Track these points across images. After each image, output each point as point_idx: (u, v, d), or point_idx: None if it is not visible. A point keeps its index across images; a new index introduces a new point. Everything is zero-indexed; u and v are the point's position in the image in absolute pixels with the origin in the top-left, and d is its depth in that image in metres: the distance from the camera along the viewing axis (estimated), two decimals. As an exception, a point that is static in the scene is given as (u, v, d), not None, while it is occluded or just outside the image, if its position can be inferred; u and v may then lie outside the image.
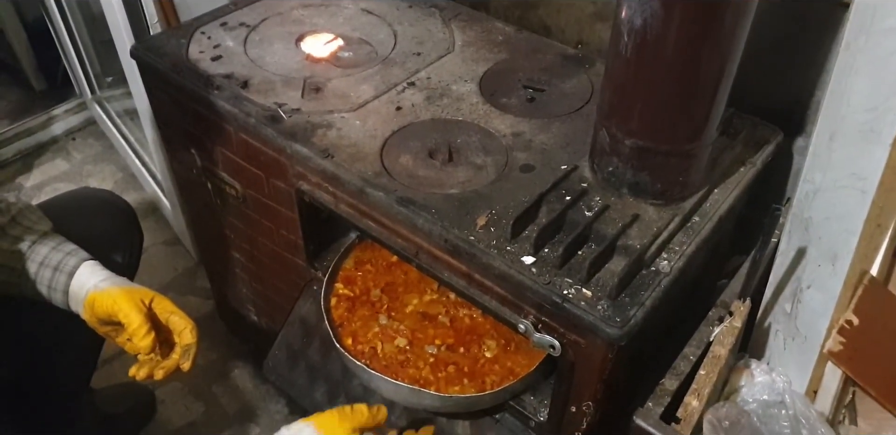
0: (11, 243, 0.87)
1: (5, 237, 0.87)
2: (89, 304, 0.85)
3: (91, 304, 0.85)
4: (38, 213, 0.92)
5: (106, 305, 0.84)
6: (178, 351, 0.87)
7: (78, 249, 0.89)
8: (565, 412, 0.83)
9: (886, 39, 0.70)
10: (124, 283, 0.87)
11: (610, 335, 0.69)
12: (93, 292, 0.85)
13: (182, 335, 0.86)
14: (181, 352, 0.87)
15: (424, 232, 0.81)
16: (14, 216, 0.89)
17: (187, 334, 0.86)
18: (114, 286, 0.85)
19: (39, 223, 0.90)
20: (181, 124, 1.10)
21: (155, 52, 1.04)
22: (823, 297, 0.82)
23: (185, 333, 0.86)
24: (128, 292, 0.85)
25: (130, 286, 0.87)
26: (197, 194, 1.21)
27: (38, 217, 0.91)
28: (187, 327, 0.86)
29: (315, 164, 0.88)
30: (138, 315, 0.84)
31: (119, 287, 0.85)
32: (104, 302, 0.84)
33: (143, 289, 0.87)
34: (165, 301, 0.87)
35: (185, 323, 0.86)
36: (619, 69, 0.73)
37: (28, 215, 0.90)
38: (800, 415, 0.73)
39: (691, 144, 0.76)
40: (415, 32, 1.12)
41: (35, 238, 0.88)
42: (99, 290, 0.85)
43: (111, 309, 0.84)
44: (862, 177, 0.76)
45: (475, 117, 0.95)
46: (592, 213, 0.78)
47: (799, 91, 0.95)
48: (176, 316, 0.87)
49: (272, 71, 1.02)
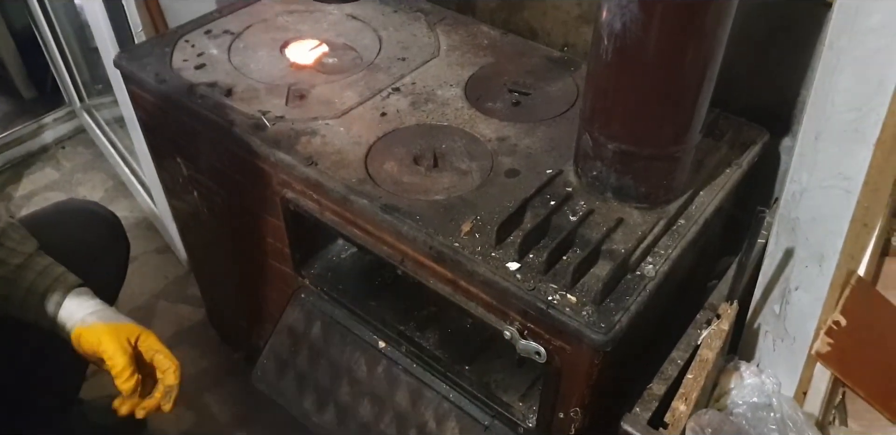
0: None
1: None
2: (76, 338, 0.84)
3: (77, 339, 0.84)
4: (23, 231, 0.89)
5: (91, 343, 0.83)
6: (161, 390, 0.86)
7: (66, 273, 0.87)
8: (553, 418, 0.82)
9: (869, 39, 0.70)
10: (111, 317, 0.85)
11: (595, 341, 0.69)
12: (79, 327, 0.84)
13: (166, 375, 0.85)
14: (163, 392, 0.85)
15: (409, 239, 0.80)
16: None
17: (170, 375, 0.85)
18: (100, 322, 0.84)
19: (24, 244, 0.88)
20: (166, 133, 1.10)
21: (138, 61, 1.04)
22: (811, 298, 0.82)
23: (169, 373, 0.85)
24: (114, 330, 0.83)
25: (117, 322, 0.85)
26: (185, 203, 1.21)
27: (21, 236, 0.88)
28: (170, 368, 0.85)
29: (299, 171, 0.88)
30: (122, 357, 0.82)
31: (105, 324, 0.84)
32: (89, 339, 0.83)
33: (130, 324, 0.86)
34: (151, 338, 0.86)
35: (170, 363, 0.85)
36: (601, 73, 0.73)
37: (11, 235, 0.88)
38: (787, 418, 0.73)
39: (675, 147, 0.76)
40: (400, 37, 1.12)
41: (20, 261, 0.86)
42: (85, 325, 0.83)
43: (97, 348, 0.83)
44: (847, 177, 0.76)
45: (460, 122, 0.95)
46: (577, 217, 0.78)
47: (785, 91, 0.95)
48: (161, 355, 0.86)
49: (256, 78, 1.02)
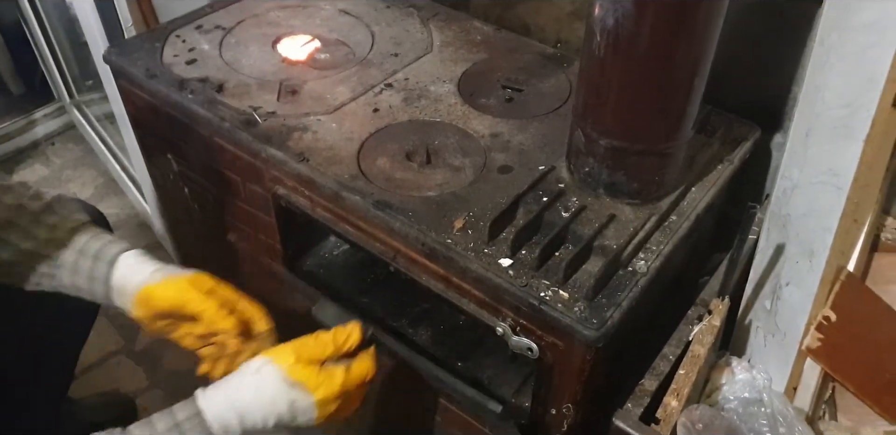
0: (48, 232, 0.80)
1: (39, 225, 0.80)
2: (143, 298, 0.77)
3: (146, 298, 0.77)
4: (78, 205, 0.87)
5: (168, 298, 0.77)
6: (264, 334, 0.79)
7: (118, 240, 0.83)
8: (546, 414, 0.82)
9: (859, 35, 0.70)
10: (180, 271, 0.80)
11: (587, 337, 0.69)
12: (147, 285, 0.77)
13: (256, 323, 0.80)
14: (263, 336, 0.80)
15: (401, 235, 0.80)
16: (49, 204, 0.83)
17: (261, 322, 0.80)
18: (172, 276, 0.78)
19: (77, 213, 0.84)
20: (156, 129, 1.09)
21: (128, 57, 1.03)
22: (802, 293, 0.82)
23: (258, 320, 0.79)
24: (191, 281, 0.78)
25: (188, 274, 0.80)
26: (175, 199, 1.20)
27: (76, 208, 0.85)
28: (257, 314, 0.80)
29: (290, 168, 0.87)
30: (212, 301, 0.76)
31: (179, 277, 0.78)
32: (164, 295, 0.77)
33: (204, 275, 0.80)
34: (229, 287, 0.81)
35: (255, 309, 0.80)
36: (593, 69, 0.73)
37: (67, 205, 0.84)
38: (777, 413, 0.73)
39: (666, 144, 0.76)
40: (393, 33, 1.11)
41: (74, 226, 0.82)
42: (155, 282, 0.78)
43: (178, 301, 0.76)
44: (837, 173, 0.76)
45: (453, 118, 0.95)
46: (569, 213, 0.78)
47: (776, 87, 0.96)
48: (243, 302, 0.80)
49: (248, 74, 1.01)
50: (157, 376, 1.46)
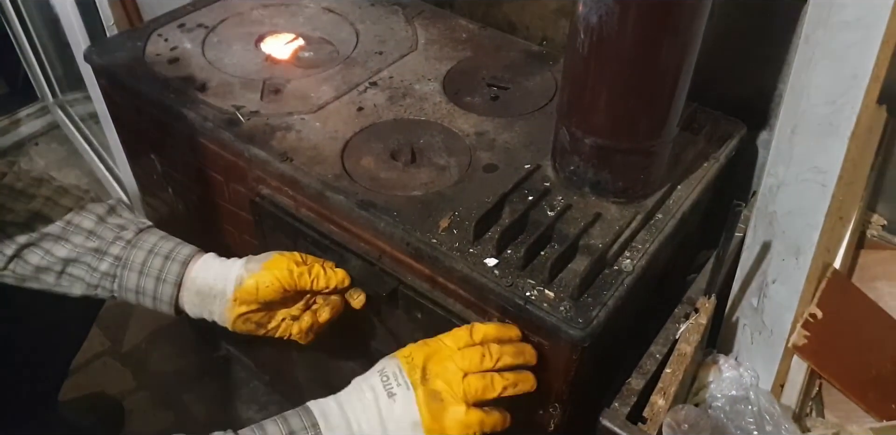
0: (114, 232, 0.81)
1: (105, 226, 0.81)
2: (250, 290, 0.78)
3: (253, 289, 0.78)
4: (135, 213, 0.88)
5: (282, 278, 0.77)
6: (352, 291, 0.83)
7: (186, 243, 0.83)
8: (532, 414, 0.82)
9: (843, 32, 0.70)
10: (262, 256, 0.81)
11: (573, 336, 0.69)
12: (249, 277, 0.78)
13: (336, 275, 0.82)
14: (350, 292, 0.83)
15: (386, 235, 0.79)
16: (113, 206, 0.84)
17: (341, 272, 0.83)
18: (264, 261, 0.79)
19: (140, 217, 0.85)
20: (139, 129, 1.08)
21: (110, 56, 1.02)
22: (788, 291, 0.82)
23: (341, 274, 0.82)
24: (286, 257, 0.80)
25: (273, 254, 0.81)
26: (160, 199, 1.19)
27: (137, 214, 0.86)
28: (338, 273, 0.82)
29: (273, 167, 0.86)
30: (315, 262, 0.81)
31: (273, 258, 0.80)
32: (276, 277, 0.78)
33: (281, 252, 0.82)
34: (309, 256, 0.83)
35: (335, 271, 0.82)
36: (577, 67, 0.72)
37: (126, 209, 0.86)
38: (764, 411, 0.73)
39: (652, 142, 0.75)
40: (377, 31, 1.10)
41: (142, 227, 0.83)
42: (253, 272, 0.78)
43: (289, 279, 0.78)
44: (822, 170, 0.76)
45: (438, 117, 0.94)
46: (555, 212, 0.78)
47: (762, 84, 0.95)
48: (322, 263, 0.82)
49: (231, 73, 1.00)
50: (144, 378, 1.45)
